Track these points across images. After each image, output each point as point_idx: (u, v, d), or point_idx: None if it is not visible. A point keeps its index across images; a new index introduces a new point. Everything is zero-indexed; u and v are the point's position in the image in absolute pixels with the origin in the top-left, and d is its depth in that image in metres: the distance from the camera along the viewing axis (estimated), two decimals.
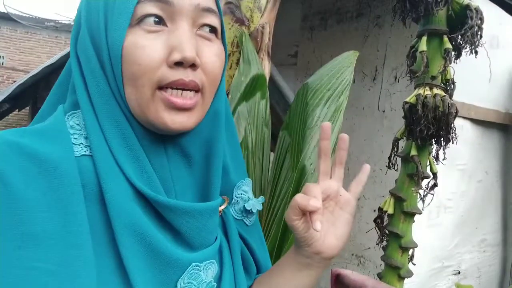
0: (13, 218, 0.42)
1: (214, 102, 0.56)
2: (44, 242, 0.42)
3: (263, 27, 1.24)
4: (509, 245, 2.64)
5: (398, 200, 0.55)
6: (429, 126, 0.52)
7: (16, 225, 0.42)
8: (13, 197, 0.42)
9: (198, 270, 0.52)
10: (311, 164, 1.00)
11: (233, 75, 1.19)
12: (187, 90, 0.50)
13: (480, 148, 2.33)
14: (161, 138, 0.53)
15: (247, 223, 0.67)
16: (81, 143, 0.50)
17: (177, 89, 0.49)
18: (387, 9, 2.12)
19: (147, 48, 0.48)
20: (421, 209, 0.57)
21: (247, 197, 0.66)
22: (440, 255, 2.22)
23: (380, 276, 0.59)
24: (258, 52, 1.24)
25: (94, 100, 0.51)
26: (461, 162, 2.24)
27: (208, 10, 0.52)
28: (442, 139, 0.54)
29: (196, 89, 0.51)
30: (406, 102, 0.52)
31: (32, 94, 5.01)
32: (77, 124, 0.51)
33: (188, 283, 0.51)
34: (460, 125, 2.21)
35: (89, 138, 0.50)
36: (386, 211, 0.57)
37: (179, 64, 0.48)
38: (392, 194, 0.57)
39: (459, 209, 2.28)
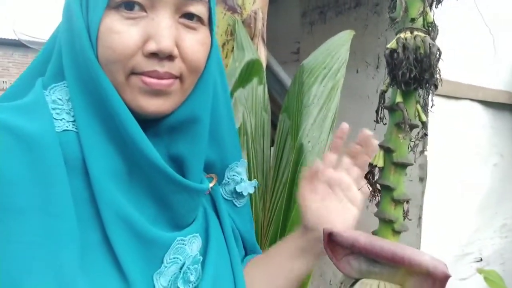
0: None
1: (200, 86, 0.55)
2: (27, 215, 0.42)
3: (255, 13, 1.24)
4: None
5: (387, 152, 0.54)
6: (411, 68, 0.50)
7: None
8: None
9: (183, 244, 0.53)
10: (309, 142, 0.99)
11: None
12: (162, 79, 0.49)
13: (493, 131, 2.28)
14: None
15: (236, 204, 0.68)
16: (63, 119, 0.49)
17: (151, 77, 0.49)
18: None
19: (123, 34, 0.47)
20: (413, 161, 0.55)
21: (240, 178, 0.67)
22: (459, 242, 2.16)
23: (375, 233, 0.57)
24: (252, 39, 1.23)
25: (80, 74, 0.51)
26: (474, 146, 2.19)
27: None
28: (427, 83, 0.53)
29: (173, 78, 0.50)
30: (387, 48, 0.51)
31: None
32: (60, 99, 0.50)
33: (174, 258, 0.51)
34: (470, 108, 2.17)
35: (74, 111, 0.49)
36: (376, 165, 0.56)
37: (155, 54, 0.48)
38: (381, 146, 0.55)
39: (477, 195, 2.22)
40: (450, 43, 1.94)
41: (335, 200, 0.64)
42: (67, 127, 0.49)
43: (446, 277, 0.48)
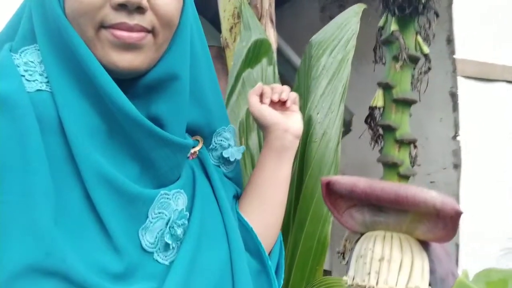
0: None
1: (176, 42, 0.54)
2: (5, 174, 0.42)
3: None
4: None
5: (387, 88, 0.48)
6: None
7: None
8: None
9: (167, 198, 0.51)
10: (318, 113, 0.94)
11: None
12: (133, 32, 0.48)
13: None
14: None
15: (224, 170, 0.66)
16: (36, 80, 0.49)
17: (121, 30, 0.48)
18: None
19: None
20: (417, 98, 0.49)
21: (227, 144, 0.65)
22: (505, 235, 2.01)
23: None
24: (260, 20, 1.21)
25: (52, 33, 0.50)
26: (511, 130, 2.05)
27: None
28: (424, 8, 0.47)
29: (144, 31, 0.49)
30: None
31: None
32: (32, 61, 0.50)
33: (159, 213, 0.50)
34: (506, 91, 2.04)
35: (47, 71, 0.49)
36: (376, 106, 0.50)
37: (123, 6, 0.46)
38: (379, 84, 0.50)
39: None
40: (480, 20, 1.84)
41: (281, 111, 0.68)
42: (40, 87, 0.48)
43: (457, 214, 0.41)
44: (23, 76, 0.48)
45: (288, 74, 1.54)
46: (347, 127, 1.87)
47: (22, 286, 0.40)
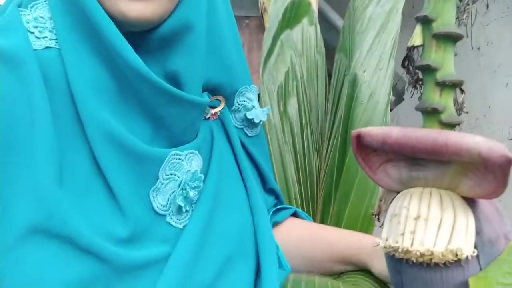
0: None
1: None
2: (9, 135, 0.42)
3: None
4: None
5: (426, 23, 0.41)
6: None
7: None
8: None
9: (179, 159, 0.48)
10: (364, 72, 0.86)
11: None
12: None
13: None
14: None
15: (248, 133, 0.63)
16: (46, 37, 0.48)
17: None
18: None
19: None
20: (463, 34, 0.42)
21: (251, 105, 0.62)
22: None
23: None
24: None
25: None
26: None
27: None
28: None
29: None
30: None
31: None
32: (42, 17, 0.48)
33: (171, 174, 0.48)
34: None
35: (55, 27, 0.47)
36: (414, 46, 0.43)
37: None
38: (417, 18, 0.43)
39: None
40: None
41: None
42: (49, 44, 0.47)
43: (508, 161, 0.34)
44: (33, 33, 0.47)
45: (332, 41, 1.46)
46: (400, 96, 1.75)
47: (27, 249, 0.40)
